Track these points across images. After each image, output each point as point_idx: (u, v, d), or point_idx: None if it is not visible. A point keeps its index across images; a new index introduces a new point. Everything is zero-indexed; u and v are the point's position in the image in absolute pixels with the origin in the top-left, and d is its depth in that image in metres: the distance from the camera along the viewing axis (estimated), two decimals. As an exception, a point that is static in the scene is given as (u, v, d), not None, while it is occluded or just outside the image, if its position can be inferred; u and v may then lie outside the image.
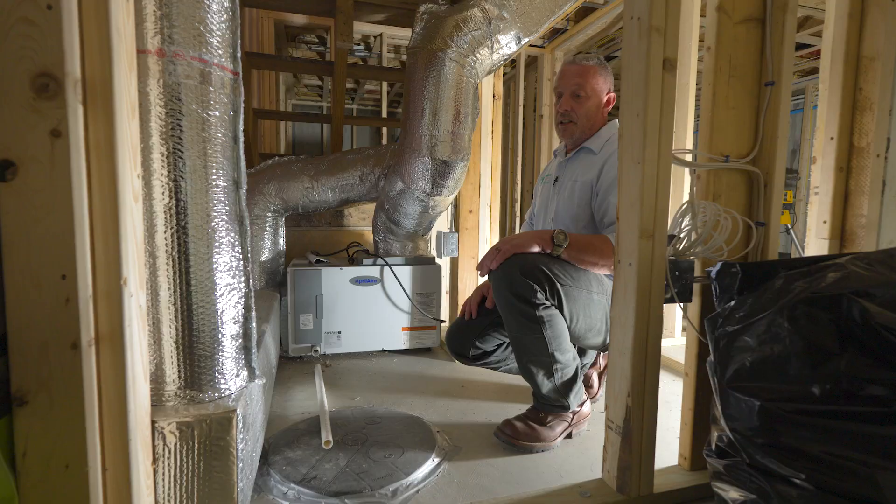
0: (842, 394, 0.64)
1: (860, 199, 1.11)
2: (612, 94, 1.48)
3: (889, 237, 1.09)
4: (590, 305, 1.26)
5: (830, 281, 0.72)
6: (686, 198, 2.05)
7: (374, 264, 1.91)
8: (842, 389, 0.64)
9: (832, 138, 1.14)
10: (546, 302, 1.18)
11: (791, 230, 4.64)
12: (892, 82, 1.05)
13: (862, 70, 1.10)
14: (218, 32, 0.77)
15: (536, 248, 1.22)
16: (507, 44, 1.71)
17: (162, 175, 0.73)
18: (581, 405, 1.30)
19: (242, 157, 0.83)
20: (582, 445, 1.26)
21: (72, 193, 0.57)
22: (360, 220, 2.39)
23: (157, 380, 0.75)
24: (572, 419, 1.27)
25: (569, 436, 1.28)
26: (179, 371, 0.76)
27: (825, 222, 1.16)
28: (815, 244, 1.18)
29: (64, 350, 0.58)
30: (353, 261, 1.98)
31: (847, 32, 1.10)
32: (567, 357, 1.23)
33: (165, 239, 0.74)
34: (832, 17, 1.12)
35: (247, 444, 0.83)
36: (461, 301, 2.25)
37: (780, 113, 0.99)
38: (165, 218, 0.74)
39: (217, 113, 0.78)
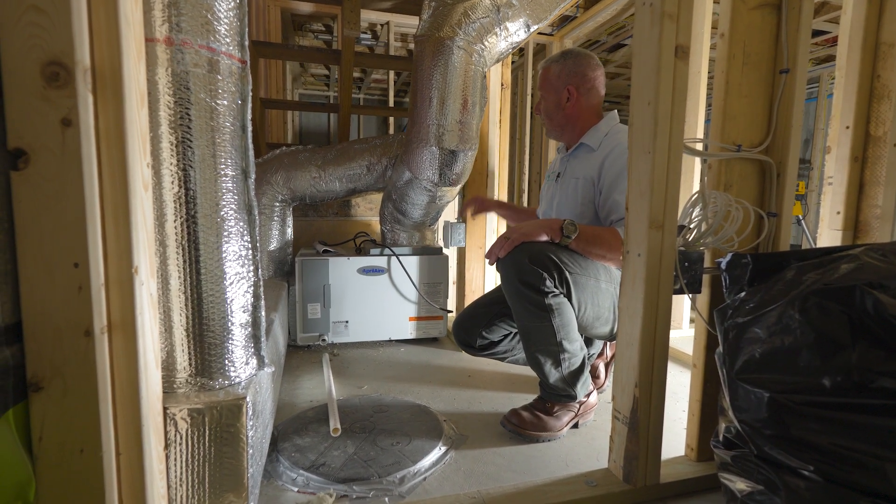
0: (853, 386, 0.64)
1: (875, 189, 1.09)
2: (571, 86, 1.41)
3: (904, 228, 1.07)
4: (598, 294, 1.26)
5: (843, 272, 0.71)
6: (696, 187, 2.03)
7: (381, 254, 1.92)
8: (853, 382, 0.64)
9: (848, 127, 1.11)
10: (555, 290, 1.18)
11: (802, 221, 4.58)
12: (912, 69, 1.02)
13: (880, 57, 1.07)
14: (225, 20, 0.77)
15: (545, 238, 1.22)
16: (516, 31, 1.69)
17: (171, 164, 0.73)
18: (588, 395, 1.30)
19: (251, 146, 0.83)
20: (588, 435, 1.26)
21: (83, 182, 0.57)
22: (368, 210, 2.39)
23: (168, 367, 0.76)
24: (579, 409, 1.28)
25: (575, 426, 1.29)
26: (190, 359, 0.77)
27: (839, 213, 1.14)
28: (829, 235, 1.16)
29: (77, 337, 0.59)
30: (360, 251, 1.99)
31: (866, 18, 1.07)
32: (575, 346, 1.23)
33: (175, 228, 0.74)
34: (850, 2, 1.09)
35: (256, 431, 0.84)
36: (468, 291, 2.26)
37: (794, 101, 0.97)
38: (175, 207, 0.74)
39: (225, 102, 0.77)
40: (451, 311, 2.09)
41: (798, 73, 0.96)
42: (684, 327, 2.22)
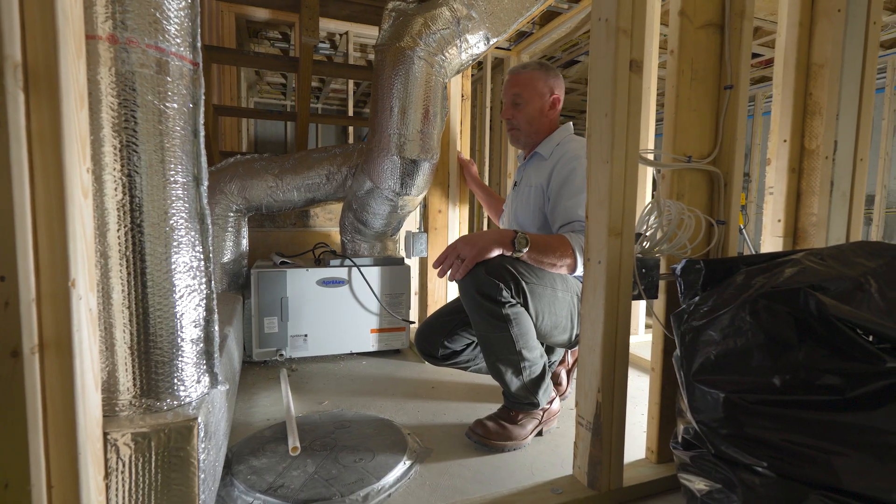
0: (800, 384, 0.67)
1: (811, 198, 1.17)
2: (557, 96, 1.48)
3: (837, 234, 1.15)
4: (555, 303, 1.27)
5: (788, 276, 0.76)
6: (649, 197, 2.12)
7: (341, 265, 1.87)
8: (800, 379, 0.67)
9: (785, 141, 1.19)
10: (512, 300, 1.18)
11: (743, 231, 4.87)
12: (839, 88, 1.11)
13: (812, 76, 1.16)
14: (176, 20, 0.73)
15: (497, 252, 1.21)
16: (476, 44, 1.71)
17: (114, 170, 0.68)
18: (550, 402, 1.31)
19: (203, 151, 0.79)
20: (553, 443, 1.27)
21: (11, 187, 0.52)
22: (327, 221, 2.34)
23: (109, 388, 0.70)
24: (542, 417, 1.28)
25: (539, 433, 1.29)
26: (135, 378, 0.71)
27: (780, 221, 1.21)
28: (771, 242, 1.24)
29: (3, 358, 0.53)
30: (319, 262, 1.94)
31: (798, 40, 1.15)
32: (534, 354, 1.24)
33: (118, 238, 0.69)
34: (784, 26, 1.18)
35: (209, 454, 0.79)
36: (431, 301, 2.24)
37: (738, 115, 1.03)
38: (118, 215, 0.69)
39: (175, 105, 0.73)
40: (414, 322, 2.07)
41: (741, 89, 1.02)
42: (640, 333, 2.29)
